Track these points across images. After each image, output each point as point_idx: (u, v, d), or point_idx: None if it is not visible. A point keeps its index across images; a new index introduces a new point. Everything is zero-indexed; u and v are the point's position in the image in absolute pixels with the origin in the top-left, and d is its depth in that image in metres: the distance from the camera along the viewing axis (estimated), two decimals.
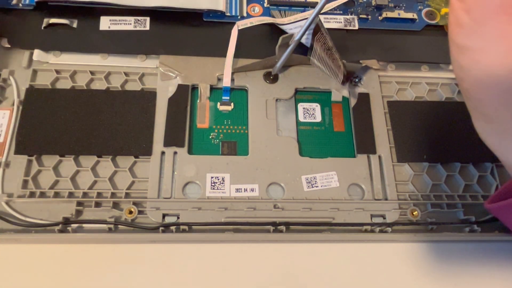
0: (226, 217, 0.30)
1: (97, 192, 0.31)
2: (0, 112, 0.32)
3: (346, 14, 0.39)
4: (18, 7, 0.36)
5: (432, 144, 0.34)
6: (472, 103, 0.22)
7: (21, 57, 0.34)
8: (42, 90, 0.33)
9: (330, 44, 0.34)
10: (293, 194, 0.32)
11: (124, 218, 0.30)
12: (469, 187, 0.33)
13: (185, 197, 0.31)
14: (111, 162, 0.32)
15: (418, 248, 0.31)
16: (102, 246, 0.29)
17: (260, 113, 0.34)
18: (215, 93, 0.35)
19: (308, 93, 0.36)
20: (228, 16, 0.37)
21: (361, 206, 0.32)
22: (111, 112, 0.33)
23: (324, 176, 0.32)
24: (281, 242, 0.31)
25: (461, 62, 0.21)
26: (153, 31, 0.36)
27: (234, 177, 0.32)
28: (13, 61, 0.34)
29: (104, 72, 0.35)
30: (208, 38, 0.37)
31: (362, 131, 0.34)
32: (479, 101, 0.21)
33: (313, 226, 0.31)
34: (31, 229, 0.29)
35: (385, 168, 0.33)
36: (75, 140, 0.32)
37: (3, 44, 0.34)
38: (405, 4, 0.40)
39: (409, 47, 0.38)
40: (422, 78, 0.37)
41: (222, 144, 0.33)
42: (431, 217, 0.32)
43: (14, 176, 0.31)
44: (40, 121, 0.32)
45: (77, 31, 0.36)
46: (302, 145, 0.34)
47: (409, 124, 0.35)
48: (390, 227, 0.31)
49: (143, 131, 0.32)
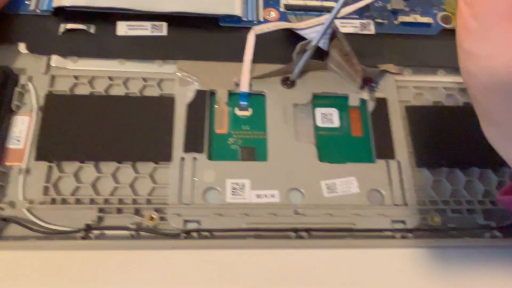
0: (247, 223, 0.30)
1: (118, 198, 0.31)
2: (20, 118, 0.32)
3: (362, 18, 0.39)
4: (36, 13, 0.36)
5: (451, 149, 0.34)
6: (480, 108, 0.22)
7: (39, 63, 0.34)
8: (61, 96, 0.33)
9: (347, 49, 0.34)
10: (313, 199, 0.32)
11: (146, 224, 0.30)
12: (488, 193, 0.33)
13: (206, 203, 0.31)
14: (132, 168, 0.32)
15: (440, 254, 0.31)
16: (124, 252, 0.29)
17: (278, 118, 0.34)
18: (233, 98, 0.35)
19: (325, 98, 0.36)
20: (244, 21, 0.37)
21: (382, 212, 0.32)
22: (131, 118, 0.33)
23: (343, 182, 0.32)
24: (303, 248, 0.30)
25: (469, 68, 0.21)
26: (170, 36, 0.36)
27: (254, 183, 0.32)
28: (31, 67, 0.34)
29: (122, 77, 0.35)
30: (225, 43, 0.37)
31: (381, 136, 0.34)
32: (486, 106, 0.22)
33: (334, 232, 0.31)
34: (53, 236, 0.29)
35: (404, 173, 0.33)
36: (95, 146, 0.32)
37: (21, 49, 0.34)
38: (421, 9, 0.40)
39: (425, 51, 0.38)
40: (439, 82, 0.37)
41: (241, 149, 0.33)
42: (451, 223, 0.32)
43: (34, 183, 0.31)
44: (60, 127, 0.32)
45: (94, 36, 0.36)
46: (320, 151, 0.34)
47: (428, 129, 0.35)
48: (411, 232, 0.31)
49: (163, 137, 0.32)
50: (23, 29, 0.35)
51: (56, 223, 0.30)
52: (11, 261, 0.29)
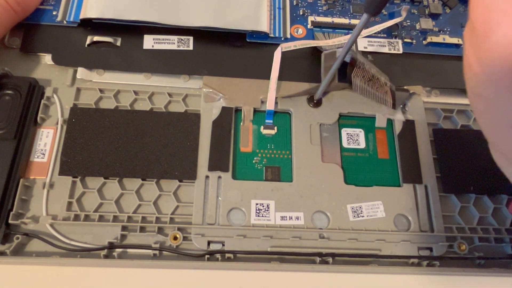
0: (271, 246, 0.30)
1: (141, 216, 0.30)
2: (45, 131, 0.32)
3: (390, 37, 0.38)
4: (62, 24, 0.35)
5: (478, 174, 0.34)
6: (489, 141, 0.23)
7: (64, 75, 0.34)
8: (86, 110, 0.33)
9: (370, 75, 0.33)
10: (338, 223, 0.31)
11: (169, 244, 0.30)
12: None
13: (230, 224, 0.31)
14: (155, 186, 0.31)
15: (467, 284, 0.30)
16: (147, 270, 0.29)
17: (304, 137, 0.34)
18: (258, 116, 0.35)
19: (351, 118, 0.36)
20: (271, 37, 0.37)
21: (408, 238, 0.31)
22: (155, 134, 0.32)
23: (370, 206, 0.32)
24: (327, 272, 0.30)
25: (476, 105, 0.21)
26: (196, 51, 0.36)
27: (279, 204, 0.31)
28: (57, 79, 0.34)
29: (147, 92, 0.34)
30: (251, 59, 0.36)
31: (408, 159, 0.34)
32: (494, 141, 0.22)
33: (359, 258, 0.30)
34: (76, 253, 0.29)
35: (432, 198, 0.33)
36: (120, 162, 0.31)
37: (47, 61, 0.34)
38: (450, 29, 0.39)
39: (453, 73, 0.38)
40: (467, 105, 0.37)
41: (266, 169, 0.33)
42: (478, 251, 0.31)
43: (58, 198, 0.30)
44: (85, 142, 0.32)
45: (120, 49, 0.35)
46: (346, 172, 0.33)
47: (455, 153, 0.34)
48: (437, 260, 0.30)
49: (188, 154, 0.32)
50: (49, 41, 0.35)
51: (79, 239, 0.29)
52: (33, 277, 0.28)
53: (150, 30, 0.36)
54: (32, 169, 0.31)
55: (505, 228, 0.32)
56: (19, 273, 0.28)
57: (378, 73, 0.35)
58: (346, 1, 0.40)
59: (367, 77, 0.33)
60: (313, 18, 0.38)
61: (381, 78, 0.34)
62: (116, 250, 0.29)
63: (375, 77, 0.34)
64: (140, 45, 0.36)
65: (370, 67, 0.34)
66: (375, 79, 0.34)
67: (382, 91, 0.34)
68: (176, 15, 0.35)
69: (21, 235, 0.28)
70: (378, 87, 0.34)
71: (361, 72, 0.33)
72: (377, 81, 0.34)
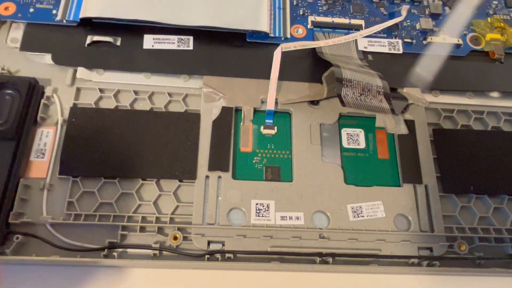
0: (271, 246, 0.30)
1: (141, 216, 0.30)
2: (44, 130, 0.32)
3: (391, 37, 0.38)
4: (62, 24, 0.35)
5: (478, 174, 0.34)
6: None
7: (64, 75, 0.34)
8: (86, 110, 0.33)
9: (360, 88, 0.33)
10: (338, 223, 0.31)
11: (169, 244, 0.30)
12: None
13: (230, 224, 0.30)
14: (155, 186, 0.31)
15: (467, 284, 0.30)
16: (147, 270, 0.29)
17: (304, 137, 0.34)
18: (258, 116, 0.35)
19: (351, 118, 0.36)
20: (271, 37, 0.37)
21: (408, 238, 0.31)
22: (155, 134, 0.32)
23: (370, 206, 0.32)
24: (327, 272, 0.30)
25: None
26: (196, 51, 0.36)
27: (278, 204, 0.31)
28: (57, 79, 0.34)
29: (147, 92, 0.34)
30: (252, 59, 0.36)
31: (408, 159, 0.34)
32: None
33: (359, 258, 0.30)
34: (76, 253, 0.29)
35: (432, 198, 0.33)
36: (119, 162, 0.31)
37: (47, 61, 0.34)
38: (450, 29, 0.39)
39: (454, 73, 0.38)
40: (468, 105, 0.37)
41: (266, 169, 0.33)
42: (478, 251, 0.31)
43: (58, 198, 0.30)
44: (85, 142, 0.31)
45: (120, 49, 0.35)
46: (346, 172, 0.33)
47: (455, 153, 0.34)
48: (437, 260, 0.30)
49: (188, 154, 0.32)
50: (49, 40, 0.35)
51: (79, 239, 0.29)
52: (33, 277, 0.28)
53: (150, 30, 0.36)
54: (32, 169, 0.31)
55: (506, 228, 0.32)
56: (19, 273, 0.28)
57: (369, 78, 0.34)
58: (346, 1, 0.40)
59: (358, 92, 0.33)
60: (313, 18, 0.38)
61: (373, 87, 0.33)
62: (116, 250, 0.29)
63: (366, 88, 0.33)
64: (140, 45, 0.35)
65: (360, 77, 0.33)
66: (367, 90, 0.33)
67: (377, 100, 0.33)
68: (176, 14, 0.35)
69: (21, 235, 0.28)
70: (371, 98, 0.33)
71: (350, 90, 0.33)
72: (369, 93, 0.33)
